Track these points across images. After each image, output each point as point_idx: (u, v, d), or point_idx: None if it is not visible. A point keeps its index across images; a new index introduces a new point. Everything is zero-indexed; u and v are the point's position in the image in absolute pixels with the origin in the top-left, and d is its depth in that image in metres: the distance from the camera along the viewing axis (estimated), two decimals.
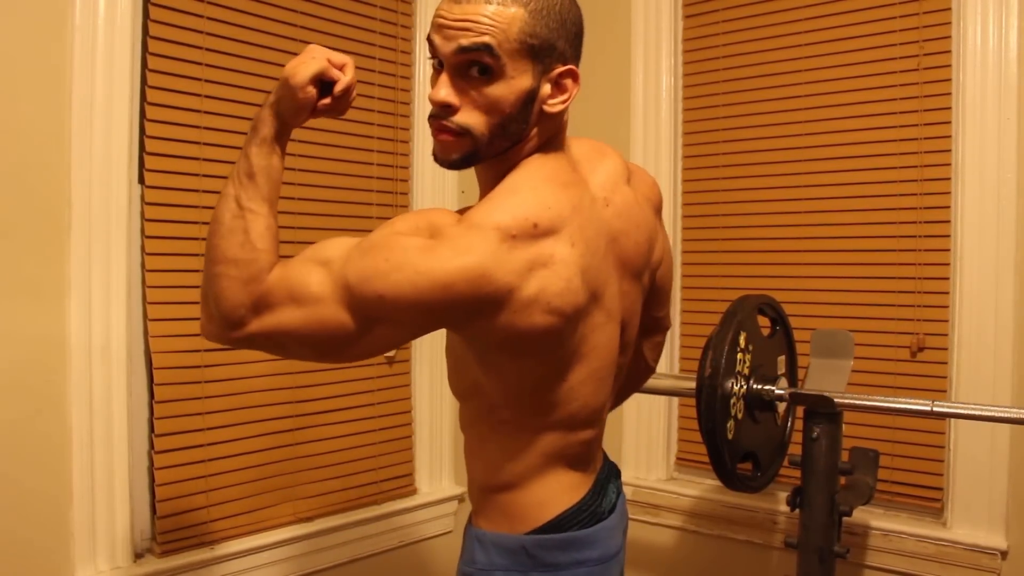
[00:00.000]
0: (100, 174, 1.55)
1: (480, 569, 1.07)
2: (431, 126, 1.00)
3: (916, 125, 1.93)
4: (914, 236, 1.94)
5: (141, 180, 1.65)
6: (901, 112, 1.95)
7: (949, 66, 1.88)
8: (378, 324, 0.92)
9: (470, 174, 1.08)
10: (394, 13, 2.08)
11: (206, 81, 1.73)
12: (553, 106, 1.00)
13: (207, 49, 1.73)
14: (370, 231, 0.94)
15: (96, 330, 1.55)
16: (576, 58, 1.02)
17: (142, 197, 1.65)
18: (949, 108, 1.88)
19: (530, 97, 0.98)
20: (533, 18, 0.96)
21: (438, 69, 0.99)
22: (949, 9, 1.87)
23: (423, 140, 2.13)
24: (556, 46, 0.98)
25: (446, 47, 0.95)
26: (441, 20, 0.96)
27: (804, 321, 1.98)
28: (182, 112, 1.69)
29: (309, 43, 1.99)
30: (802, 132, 2.09)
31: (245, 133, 1.58)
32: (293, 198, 1.88)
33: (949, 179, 1.88)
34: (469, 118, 0.97)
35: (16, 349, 1.47)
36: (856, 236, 2.01)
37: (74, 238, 1.52)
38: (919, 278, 1.94)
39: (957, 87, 1.86)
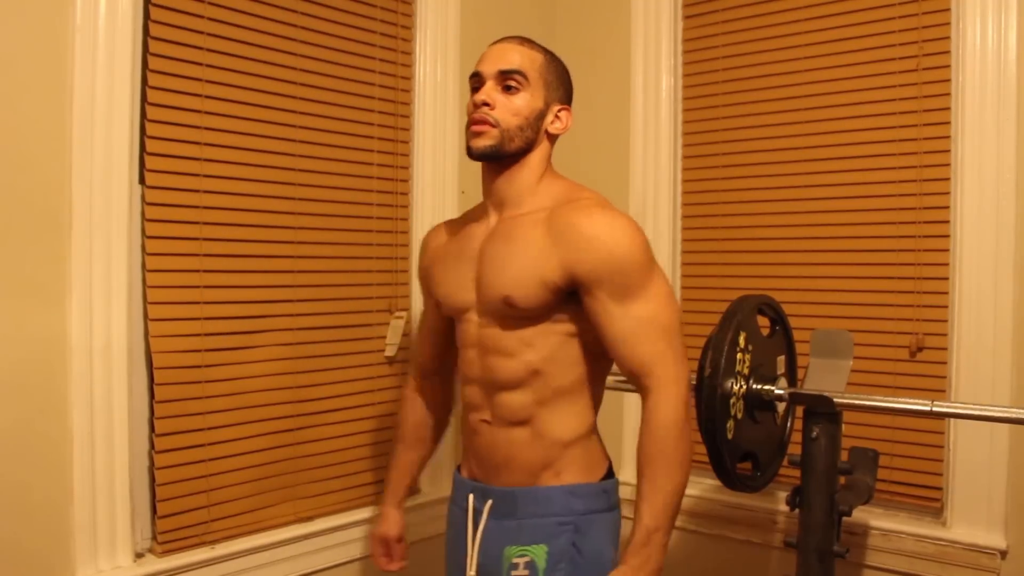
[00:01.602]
0: (101, 174, 1.55)
1: (580, 515, 1.36)
2: (470, 124, 1.37)
3: (915, 125, 1.93)
4: (913, 236, 1.94)
5: (142, 180, 1.65)
6: (900, 112, 1.95)
7: (948, 66, 1.88)
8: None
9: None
10: (394, 13, 2.08)
11: (207, 81, 1.73)
12: (555, 128, 1.41)
13: (208, 49, 1.73)
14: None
15: (97, 330, 1.55)
16: (569, 100, 1.44)
17: (143, 197, 1.65)
18: (948, 108, 1.88)
19: (540, 115, 1.38)
20: (548, 63, 1.40)
21: (474, 93, 1.38)
22: (948, 9, 1.87)
23: (423, 140, 2.13)
24: (559, 88, 1.41)
25: (491, 69, 1.36)
26: (487, 55, 1.39)
27: (803, 321, 1.98)
28: (183, 112, 1.69)
29: (309, 43, 2.00)
30: (802, 132, 2.10)
31: (246, 133, 1.63)
32: (293, 198, 1.88)
33: (948, 179, 1.88)
34: (500, 115, 1.35)
35: (17, 349, 1.47)
36: (856, 236, 2.02)
37: (75, 238, 1.53)
38: (918, 278, 1.94)
39: (956, 87, 1.86)
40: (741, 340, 1.54)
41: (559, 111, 1.40)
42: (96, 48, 1.53)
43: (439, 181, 2.15)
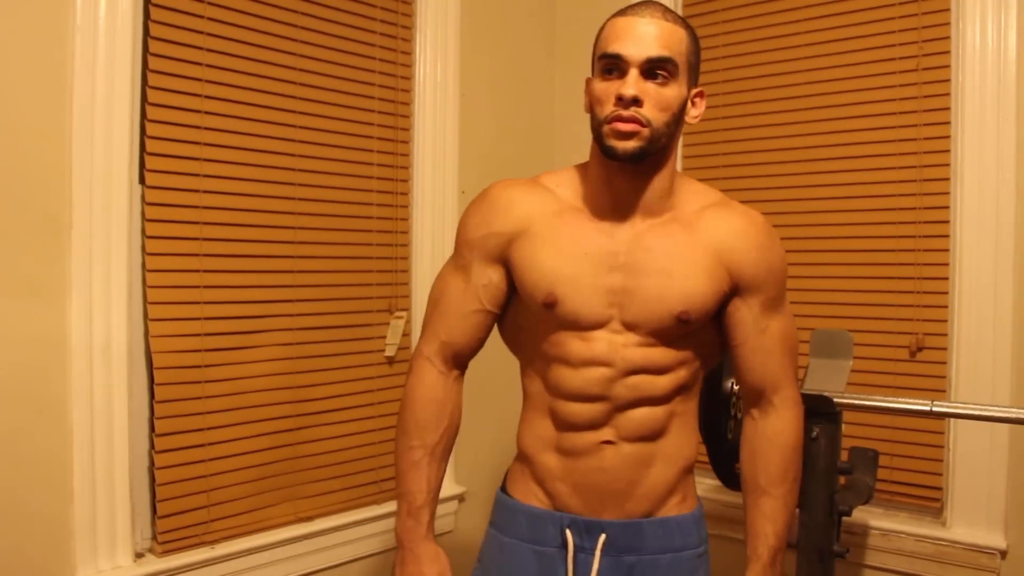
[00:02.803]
0: (101, 174, 1.55)
1: (704, 540, 1.31)
2: (610, 123, 1.15)
3: (915, 125, 1.93)
4: (913, 236, 1.94)
5: (142, 180, 1.65)
6: (900, 112, 1.95)
7: (948, 66, 1.88)
8: None
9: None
10: (394, 13, 2.08)
11: (207, 81, 1.72)
12: (693, 118, 1.22)
13: (208, 49, 1.72)
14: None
15: (97, 330, 1.55)
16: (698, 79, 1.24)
17: (143, 197, 1.65)
18: (948, 108, 1.88)
19: (684, 105, 1.19)
20: (692, 41, 1.19)
21: (607, 75, 1.16)
22: (948, 10, 1.87)
23: (423, 140, 2.12)
24: (698, 68, 1.22)
25: (637, 55, 1.13)
26: (627, 32, 1.15)
27: (803, 321, 1.98)
28: (183, 112, 1.69)
29: (309, 43, 1.99)
30: (801, 132, 2.10)
31: (246, 133, 1.60)
32: (293, 198, 1.88)
33: (948, 179, 1.88)
34: (651, 112, 1.14)
35: (17, 349, 1.47)
36: (855, 236, 2.02)
37: (75, 238, 1.52)
38: (918, 278, 1.94)
39: (956, 87, 1.86)
40: None
41: (695, 96, 1.22)
42: (96, 48, 1.53)
43: (439, 181, 2.15)
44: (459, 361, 1.32)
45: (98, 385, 1.55)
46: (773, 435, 1.27)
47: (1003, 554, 1.81)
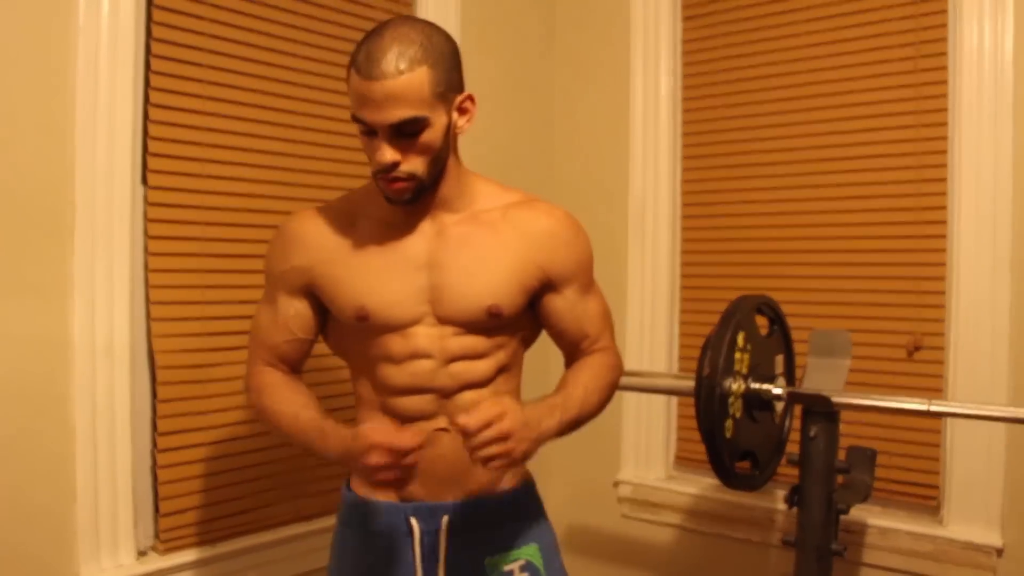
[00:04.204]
0: (104, 175, 1.55)
1: (541, 508, 1.39)
2: (380, 180, 1.20)
3: (913, 126, 1.94)
4: (911, 236, 1.95)
5: (144, 181, 1.65)
6: (898, 113, 1.96)
7: (945, 67, 1.89)
8: None
9: None
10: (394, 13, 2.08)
11: (209, 82, 1.73)
12: (463, 128, 1.24)
13: (210, 50, 1.73)
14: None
15: (99, 330, 1.56)
16: (463, 80, 1.24)
17: (145, 198, 1.65)
18: (945, 109, 1.89)
19: (448, 130, 1.21)
20: (435, 70, 1.15)
21: (369, 134, 1.18)
22: (945, 11, 1.88)
23: None
24: (453, 81, 1.20)
25: (382, 120, 1.14)
26: (366, 98, 1.13)
27: (802, 321, 1.98)
28: (185, 113, 1.70)
29: (311, 44, 1.99)
30: (800, 133, 2.11)
31: (248, 134, 1.57)
32: (295, 199, 1.88)
33: (945, 179, 1.89)
34: (412, 165, 1.18)
35: (20, 349, 1.48)
36: (853, 236, 2.03)
37: (78, 239, 1.53)
38: (916, 278, 1.95)
39: (953, 88, 1.87)
40: (740, 340, 1.55)
41: (461, 103, 1.22)
42: (99, 48, 1.54)
43: None
44: (295, 365, 1.37)
45: (100, 385, 1.56)
46: (593, 358, 1.35)
47: (999, 552, 1.82)
